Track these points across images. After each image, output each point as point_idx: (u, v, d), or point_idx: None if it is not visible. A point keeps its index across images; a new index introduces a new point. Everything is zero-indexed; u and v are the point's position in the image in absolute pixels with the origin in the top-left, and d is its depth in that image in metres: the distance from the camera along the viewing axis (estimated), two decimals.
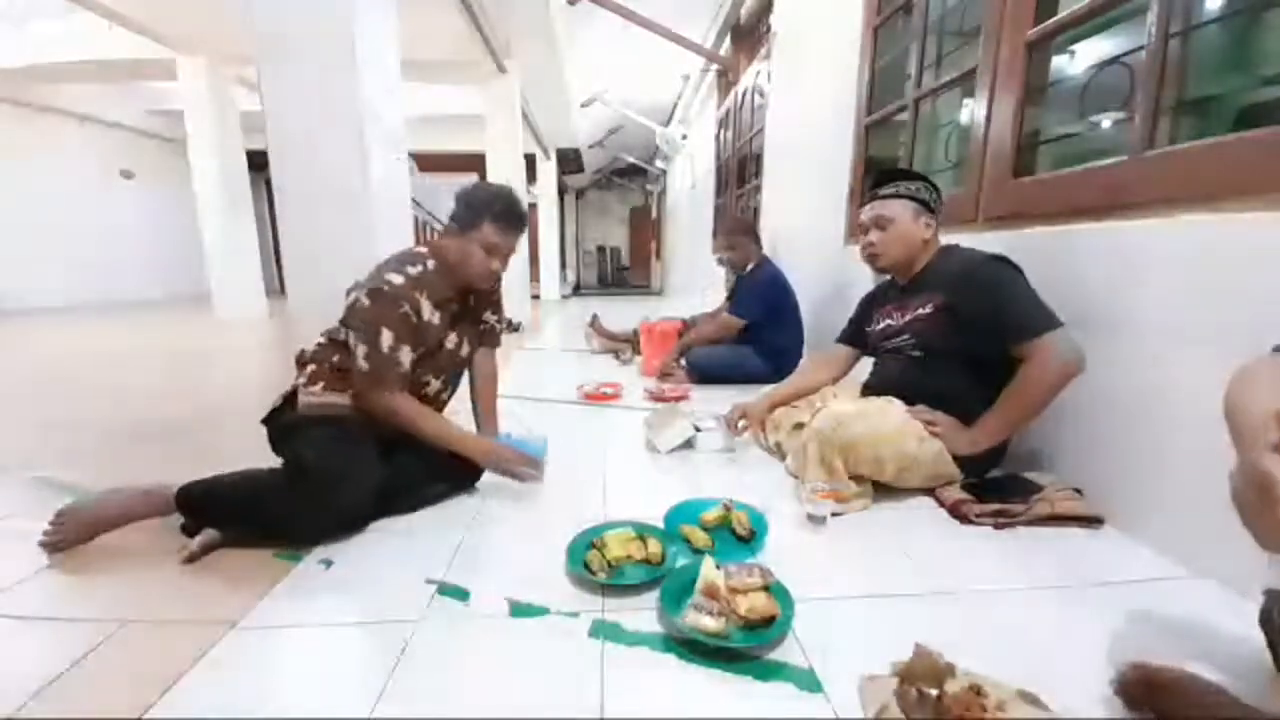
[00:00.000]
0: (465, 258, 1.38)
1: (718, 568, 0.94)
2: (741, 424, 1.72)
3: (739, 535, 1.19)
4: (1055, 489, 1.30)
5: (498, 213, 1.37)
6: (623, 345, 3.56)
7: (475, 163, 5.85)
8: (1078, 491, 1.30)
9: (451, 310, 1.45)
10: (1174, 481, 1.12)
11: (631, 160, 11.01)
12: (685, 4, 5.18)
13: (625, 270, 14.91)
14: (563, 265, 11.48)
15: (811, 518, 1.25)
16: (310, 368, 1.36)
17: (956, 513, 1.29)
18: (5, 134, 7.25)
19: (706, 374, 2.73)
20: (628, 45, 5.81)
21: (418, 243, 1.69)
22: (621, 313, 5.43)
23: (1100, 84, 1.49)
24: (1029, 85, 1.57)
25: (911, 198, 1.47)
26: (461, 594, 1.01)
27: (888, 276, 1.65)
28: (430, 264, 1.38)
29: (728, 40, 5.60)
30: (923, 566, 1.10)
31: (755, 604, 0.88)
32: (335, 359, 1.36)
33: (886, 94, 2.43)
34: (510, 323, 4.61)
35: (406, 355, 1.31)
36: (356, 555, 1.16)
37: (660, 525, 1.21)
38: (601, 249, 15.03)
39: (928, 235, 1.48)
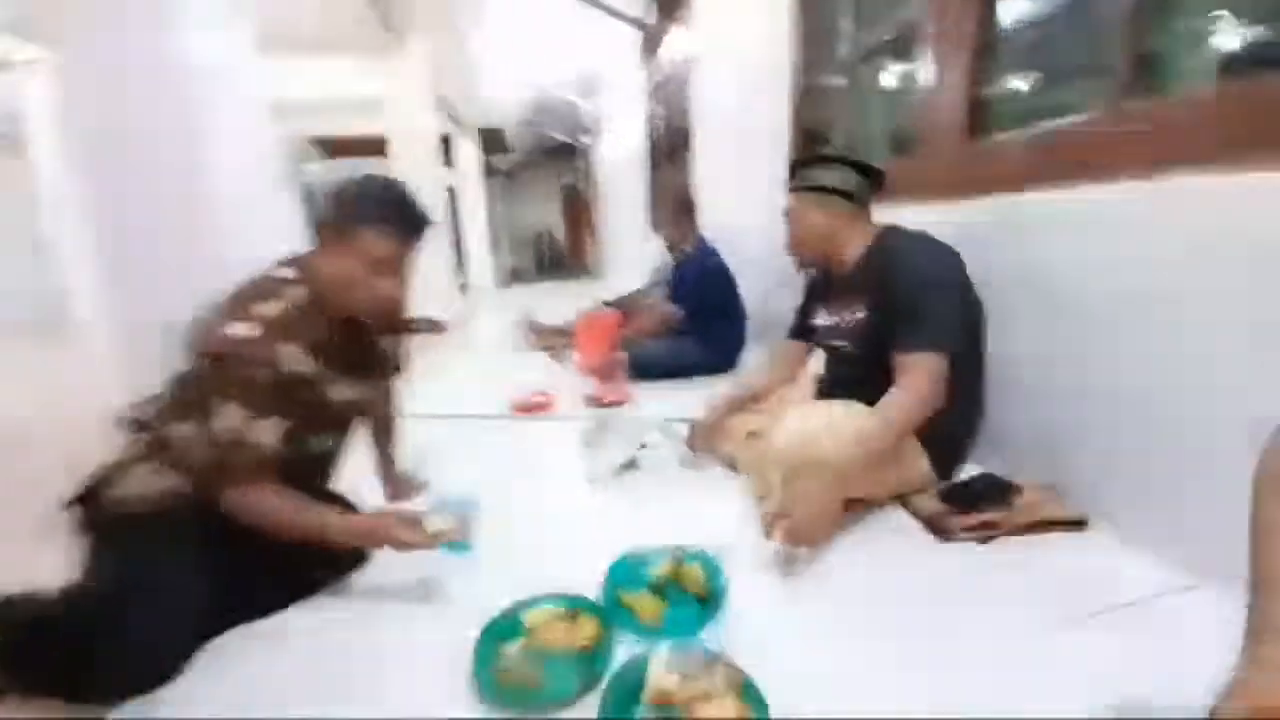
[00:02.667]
0: (344, 282, 0.98)
1: (668, 667, 0.73)
2: (700, 442, 1.55)
3: (693, 593, 0.98)
4: (1031, 489, 1.19)
5: (382, 214, 0.97)
6: (559, 341, 3.28)
7: (381, 146, 5.28)
8: (1052, 489, 1.19)
9: (332, 350, 1.03)
10: (1165, 478, 1.01)
11: (560, 138, 10.55)
12: None
13: (561, 252, 14.49)
14: (495, 251, 10.97)
15: (781, 558, 1.07)
16: (145, 436, 0.98)
17: (937, 528, 1.15)
18: None
19: (647, 370, 2.51)
20: (547, 13, 5.40)
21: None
22: (560, 303, 5.11)
23: (1062, 34, 1.34)
24: (980, 38, 1.41)
25: (810, 187, 1.34)
26: None
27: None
28: (297, 293, 0.98)
29: (655, 5, 5.29)
30: (924, 623, 0.92)
31: (721, 713, 0.68)
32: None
33: (822, 58, 2.24)
34: (432, 322, 4.17)
35: (265, 431, 0.94)
36: (187, 690, 0.83)
37: (598, 582, 0.99)
38: (539, 234, 14.51)
39: (838, 224, 1.32)
